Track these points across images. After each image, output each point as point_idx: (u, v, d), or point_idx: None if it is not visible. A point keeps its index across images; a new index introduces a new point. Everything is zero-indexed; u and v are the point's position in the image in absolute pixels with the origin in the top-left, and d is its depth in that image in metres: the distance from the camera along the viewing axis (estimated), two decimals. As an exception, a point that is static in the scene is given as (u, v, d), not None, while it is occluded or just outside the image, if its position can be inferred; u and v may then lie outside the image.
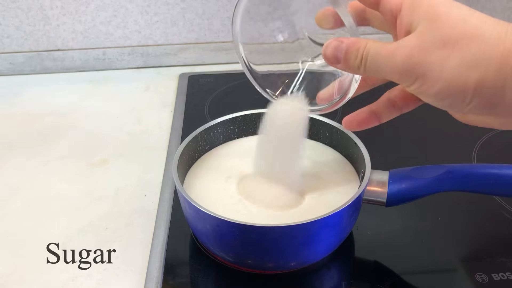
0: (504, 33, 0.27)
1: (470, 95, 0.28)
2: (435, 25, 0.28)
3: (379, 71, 0.31)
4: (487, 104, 0.28)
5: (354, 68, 0.32)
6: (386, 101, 0.39)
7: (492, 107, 0.29)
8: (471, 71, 0.27)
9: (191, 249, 0.44)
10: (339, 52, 0.32)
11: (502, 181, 0.39)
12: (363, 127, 0.40)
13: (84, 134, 0.65)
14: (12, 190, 0.54)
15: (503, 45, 0.27)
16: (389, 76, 0.31)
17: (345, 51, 0.32)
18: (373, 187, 0.41)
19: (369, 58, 0.31)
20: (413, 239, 0.45)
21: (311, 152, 0.49)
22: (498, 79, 0.27)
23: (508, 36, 0.27)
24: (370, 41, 0.31)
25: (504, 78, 0.27)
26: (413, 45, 0.29)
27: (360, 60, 0.31)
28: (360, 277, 0.42)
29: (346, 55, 0.32)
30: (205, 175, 0.46)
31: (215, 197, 0.43)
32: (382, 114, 0.39)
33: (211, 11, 0.79)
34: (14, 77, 0.81)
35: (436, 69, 0.28)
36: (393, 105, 0.38)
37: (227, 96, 0.71)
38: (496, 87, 0.27)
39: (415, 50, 0.29)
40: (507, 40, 0.27)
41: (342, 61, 0.32)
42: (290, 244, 0.38)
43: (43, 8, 0.77)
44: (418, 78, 0.29)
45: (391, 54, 0.30)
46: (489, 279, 0.40)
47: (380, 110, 0.39)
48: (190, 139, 0.46)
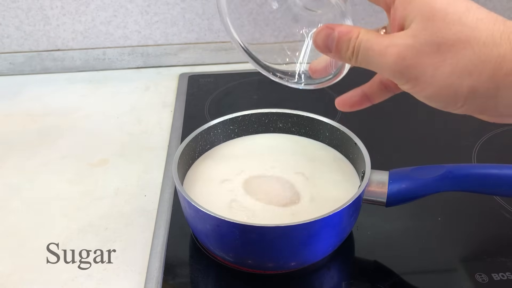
0: (500, 37, 0.26)
1: (462, 101, 0.28)
2: (430, 24, 0.27)
3: (370, 66, 0.30)
4: (479, 108, 0.28)
5: (345, 59, 0.31)
6: (378, 83, 0.38)
7: (484, 111, 0.28)
8: (464, 79, 0.27)
9: (191, 249, 0.44)
10: (330, 41, 0.31)
11: (502, 181, 0.39)
12: (355, 109, 0.39)
13: (84, 134, 0.65)
14: (12, 190, 0.54)
15: (498, 50, 0.26)
16: (380, 73, 0.30)
17: (336, 40, 0.31)
18: (373, 187, 0.41)
19: (360, 51, 0.30)
20: (413, 239, 0.45)
21: (311, 152, 0.49)
22: (491, 86, 0.27)
23: (503, 39, 0.26)
24: (363, 30, 0.30)
25: (497, 84, 0.26)
26: (406, 44, 0.28)
27: (352, 52, 0.30)
28: (360, 277, 0.42)
29: (337, 45, 0.31)
30: (205, 175, 0.46)
31: (215, 197, 0.43)
32: (374, 96, 0.38)
33: (211, 11, 0.79)
34: (14, 77, 0.81)
35: (428, 74, 0.28)
36: (386, 87, 0.37)
37: (227, 96, 0.71)
38: (488, 94, 0.27)
39: (408, 51, 0.28)
40: (502, 44, 0.26)
41: (334, 51, 0.31)
42: (290, 244, 0.38)
43: (43, 8, 0.77)
44: (410, 81, 0.29)
45: (383, 52, 0.29)
46: (489, 279, 0.40)
47: (373, 92, 0.38)
48: (190, 139, 0.46)
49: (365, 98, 0.38)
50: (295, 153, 0.49)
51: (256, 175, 0.45)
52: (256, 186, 0.44)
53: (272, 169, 0.46)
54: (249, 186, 0.44)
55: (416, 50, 0.28)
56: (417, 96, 0.30)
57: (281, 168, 0.46)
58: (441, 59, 0.27)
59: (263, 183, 0.45)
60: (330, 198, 0.43)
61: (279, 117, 0.51)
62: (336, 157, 0.48)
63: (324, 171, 0.46)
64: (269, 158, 0.48)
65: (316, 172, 0.46)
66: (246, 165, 0.47)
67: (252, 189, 0.44)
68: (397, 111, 0.66)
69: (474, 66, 0.26)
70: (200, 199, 0.40)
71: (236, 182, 0.45)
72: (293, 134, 0.51)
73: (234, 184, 0.44)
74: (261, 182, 0.45)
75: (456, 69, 0.27)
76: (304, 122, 0.50)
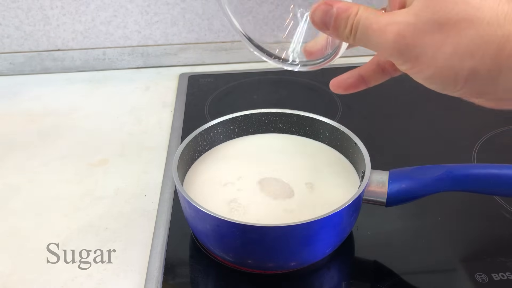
0: (504, 17, 0.25)
1: (462, 82, 0.27)
2: (432, 2, 0.26)
3: (369, 45, 0.29)
4: (479, 91, 0.28)
5: (343, 37, 0.30)
6: (375, 65, 0.37)
7: (483, 94, 0.28)
8: (466, 60, 0.26)
9: (191, 249, 0.44)
10: (328, 17, 0.30)
11: (502, 181, 0.39)
12: (350, 91, 0.38)
13: (84, 134, 0.65)
14: (12, 190, 0.54)
15: (502, 31, 0.25)
16: (379, 52, 0.30)
17: (334, 17, 0.29)
18: (373, 187, 0.41)
19: (359, 29, 0.29)
20: (413, 239, 0.45)
21: (311, 152, 0.49)
22: (492, 67, 0.26)
23: (507, 20, 0.25)
24: (362, 7, 0.29)
25: (499, 66, 0.26)
26: (407, 22, 0.27)
27: (350, 30, 0.29)
28: (360, 277, 0.42)
29: (335, 22, 0.30)
30: (205, 175, 0.46)
31: (215, 197, 0.43)
32: (370, 79, 0.37)
33: (211, 11, 0.79)
34: (14, 77, 0.81)
35: (429, 54, 0.27)
36: (383, 70, 0.36)
37: (227, 96, 0.71)
38: (490, 76, 0.26)
39: (409, 29, 0.27)
40: (505, 25, 0.25)
41: (332, 28, 0.30)
42: (290, 244, 0.38)
43: (43, 8, 0.77)
44: (409, 61, 0.28)
45: (383, 30, 0.28)
46: (489, 279, 0.40)
47: (369, 74, 0.37)
48: (190, 139, 0.46)
49: (361, 81, 0.37)
50: (295, 153, 0.49)
51: (256, 175, 0.45)
52: (255, 186, 0.44)
53: (272, 169, 0.46)
54: (249, 186, 0.44)
55: (417, 28, 0.27)
56: (416, 77, 0.29)
57: (281, 169, 0.46)
58: (442, 39, 0.26)
59: (263, 183, 0.45)
60: (330, 198, 0.43)
61: (279, 117, 0.51)
62: (336, 157, 0.48)
63: (324, 171, 0.46)
64: (269, 158, 0.48)
65: (316, 172, 0.46)
66: (246, 165, 0.47)
67: (252, 189, 0.44)
68: (397, 111, 0.66)
69: (476, 46, 0.26)
70: (200, 199, 0.40)
71: (236, 182, 0.45)
72: (293, 134, 0.51)
73: (234, 184, 0.44)
74: (261, 182, 0.45)
75: (458, 49, 0.26)
76: (304, 122, 0.50)
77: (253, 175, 0.45)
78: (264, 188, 0.44)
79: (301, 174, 0.45)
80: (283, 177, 0.45)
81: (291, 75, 0.77)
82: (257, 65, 0.80)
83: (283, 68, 0.39)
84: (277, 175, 0.46)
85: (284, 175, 0.45)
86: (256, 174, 0.46)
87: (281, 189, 0.44)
